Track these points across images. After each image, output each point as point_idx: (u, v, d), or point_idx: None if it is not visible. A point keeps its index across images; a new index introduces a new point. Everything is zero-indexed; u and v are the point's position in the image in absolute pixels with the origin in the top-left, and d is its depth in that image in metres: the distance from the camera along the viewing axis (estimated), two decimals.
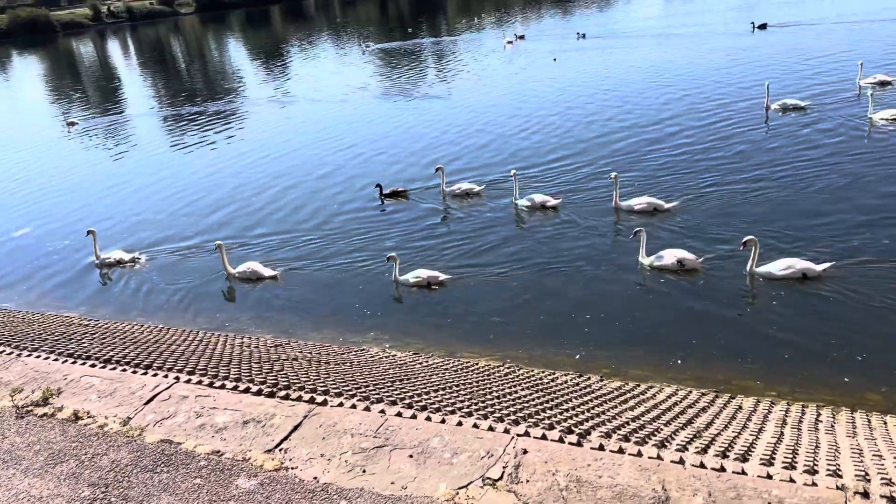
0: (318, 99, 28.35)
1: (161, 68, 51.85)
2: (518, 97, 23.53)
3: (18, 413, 5.99)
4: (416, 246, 12.03)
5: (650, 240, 10.38)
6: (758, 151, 14.64)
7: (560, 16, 53.95)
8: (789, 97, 17.69)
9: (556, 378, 7.22)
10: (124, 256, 12.70)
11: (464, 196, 14.07)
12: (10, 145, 26.17)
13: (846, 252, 9.73)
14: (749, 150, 14.76)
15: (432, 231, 12.71)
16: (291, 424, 5.36)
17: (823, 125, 15.88)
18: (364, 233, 12.86)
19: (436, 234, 12.59)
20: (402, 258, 10.91)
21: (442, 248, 11.85)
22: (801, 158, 13.86)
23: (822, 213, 11.31)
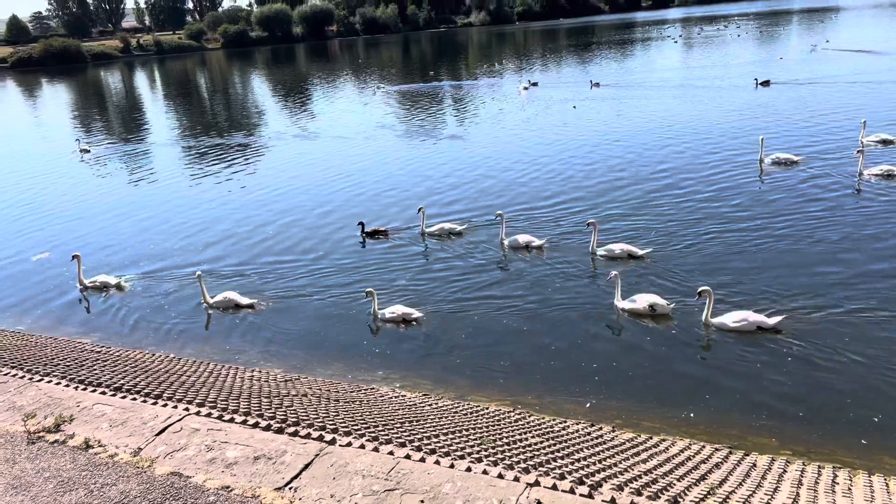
0: (332, 136, 28.92)
1: (184, 100, 52.94)
2: (525, 142, 23.94)
3: (30, 438, 5.99)
4: (421, 281, 12.22)
5: (626, 284, 10.63)
6: (744, 203, 14.97)
7: (578, 64, 54.82)
8: (783, 152, 17.98)
9: (568, 426, 7.16)
10: (109, 281, 12.91)
11: (445, 236, 14.35)
12: (26, 169, 26.80)
13: (829, 304, 9.91)
14: (736, 202, 15.10)
15: (427, 269, 12.89)
16: (302, 463, 5.33)
17: (815, 180, 16.16)
18: (369, 269, 13.04)
19: (430, 272, 12.75)
20: (400, 296, 11.21)
21: (440, 286, 12.00)
22: (787, 212, 14.16)
23: (801, 265, 11.49)
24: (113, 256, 15.03)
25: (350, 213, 16.63)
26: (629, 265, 12.12)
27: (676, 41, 68.38)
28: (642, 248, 12.48)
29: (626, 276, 11.07)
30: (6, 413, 6.60)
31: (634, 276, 11.57)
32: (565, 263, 12.51)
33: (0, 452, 5.83)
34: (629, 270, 11.79)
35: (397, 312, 10.67)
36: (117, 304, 12.31)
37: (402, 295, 11.62)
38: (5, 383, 7.38)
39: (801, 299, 10.16)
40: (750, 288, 10.76)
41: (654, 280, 11.40)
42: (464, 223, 14.80)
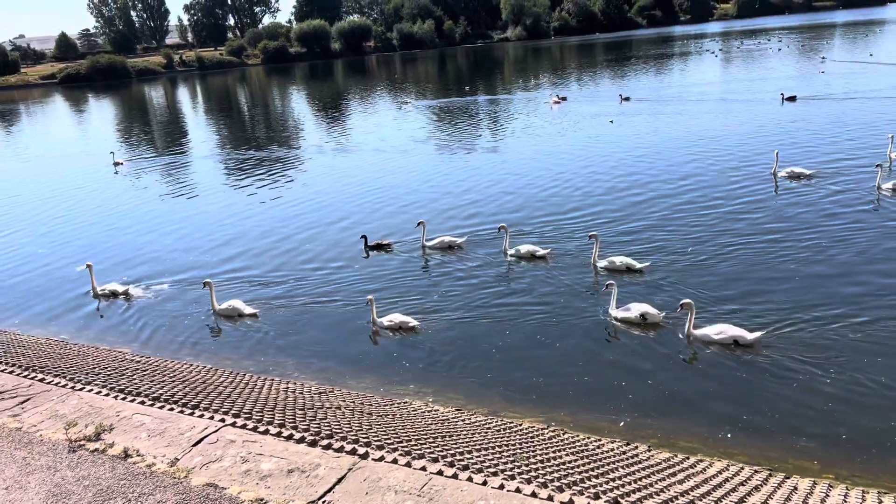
0: (362, 151, 29.33)
1: (222, 115, 54.12)
2: (550, 157, 24.13)
3: (71, 447, 6.13)
4: (444, 294, 12.30)
5: (629, 294, 10.87)
6: (757, 218, 14.97)
7: (611, 78, 54.66)
8: (799, 166, 17.92)
9: (602, 445, 7.06)
10: (118, 289, 13.46)
11: (445, 249, 14.48)
12: (63, 182, 27.73)
13: (863, 322, 9.75)
14: (749, 217, 15.10)
15: (443, 281, 13.03)
16: (336, 477, 5.35)
17: (830, 195, 16.06)
18: (396, 280, 13.23)
19: (449, 283, 12.87)
20: (428, 309, 11.48)
21: (462, 298, 12.11)
22: (800, 227, 14.09)
23: (817, 279, 11.46)
24: (135, 265, 15.44)
25: (371, 227, 16.78)
26: (633, 277, 12.27)
27: (717, 54, 67.69)
28: (642, 261, 12.59)
29: (629, 286, 11.27)
30: (49, 421, 6.76)
31: (639, 287, 11.72)
32: (577, 276, 12.63)
33: (42, 460, 5.96)
34: (634, 281, 11.97)
35: (395, 321, 10.86)
36: (150, 314, 12.55)
37: (432, 308, 11.66)
38: (48, 392, 7.57)
39: (846, 317, 9.93)
40: (757, 301, 10.78)
41: (655, 291, 11.52)
42: (463, 236, 14.96)
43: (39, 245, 17.99)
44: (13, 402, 7.29)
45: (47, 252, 17.20)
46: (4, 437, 6.43)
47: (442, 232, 15.48)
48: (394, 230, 16.32)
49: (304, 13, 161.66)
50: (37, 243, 18.17)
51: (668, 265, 12.72)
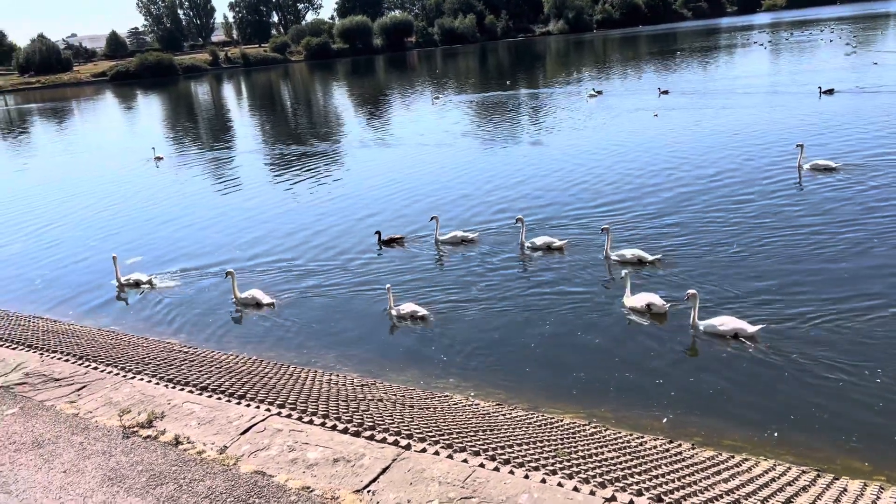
0: (399, 145, 29.73)
1: (265, 111, 55.14)
2: (581, 150, 24.17)
3: (125, 433, 6.34)
4: (479, 288, 12.36)
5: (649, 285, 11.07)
6: (774, 211, 14.88)
7: (653, 71, 54.09)
8: (824, 159, 17.78)
9: (645, 442, 7.02)
10: (142, 278, 14.01)
11: (458, 243, 14.70)
12: (106, 176, 28.83)
13: None
14: (765, 210, 15.02)
15: (470, 274, 13.16)
16: (380, 467, 5.44)
17: (852, 188, 15.89)
18: (426, 272, 13.42)
19: (475, 276, 13.04)
20: (453, 300, 11.75)
21: (496, 292, 12.16)
22: (816, 221, 13.98)
23: (810, 274, 11.44)
24: (169, 257, 15.98)
25: (400, 221, 17.07)
26: (656, 269, 12.33)
27: (766, 46, 66.19)
28: (654, 253, 12.79)
29: (655, 278, 11.47)
30: (104, 408, 7.00)
31: (662, 278, 11.82)
32: (602, 269, 12.75)
33: (98, 445, 6.19)
34: (662, 273, 12.09)
35: (406, 310, 11.24)
36: (190, 304, 12.90)
37: (466, 300, 11.85)
38: (103, 380, 7.83)
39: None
40: (791, 294, 10.77)
41: (679, 283, 11.55)
42: (476, 231, 15.16)
43: (85, 237, 18.59)
44: (70, 388, 7.56)
45: (90, 244, 17.76)
46: (62, 423, 6.68)
47: (472, 225, 15.73)
48: (422, 224, 16.42)
49: (346, 9, 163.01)
50: (82, 236, 18.78)
51: (694, 258, 12.72)
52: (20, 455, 6.11)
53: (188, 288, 13.84)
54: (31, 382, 7.83)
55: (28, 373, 8.15)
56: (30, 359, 8.72)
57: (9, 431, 6.59)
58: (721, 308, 10.37)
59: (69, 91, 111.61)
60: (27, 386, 7.73)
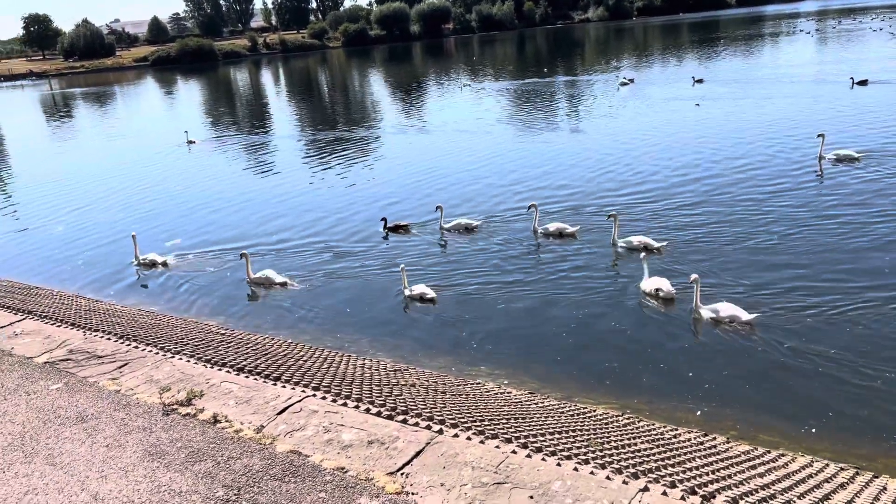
0: (433, 131, 30.12)
1: (301, 97, 55.75)
2: (608, 138, 24.36)
3: (165, 410, 6.50)
4: (505, 274, 12.46)
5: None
6: (790, 201, 14.95)
7: (694, 59, 53.39)
8: (845, 149, 17.75)
9: (679, 434, 6.96)
10: (157, 258, 14.61)
11: (462, 231, 14.94)
12: (140, 159, 29.62)
13: None
14: (783, 200, 15.08)
15: (490, 261, 13.29)
16: (414, 450, 5.49)
17: (873, 178, 15.96)
18: (456, 258, 13.56)
19: (496, 263, 13.14)
20: (481, 287, 11.87)
21: (522, 279, 12.23)
22: (834, 211, 14.03)
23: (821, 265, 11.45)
24: (192, 237, 16.56)
25: (422, 206, 17.29)
26: (662, 256, 12.52)
27: (812, 35, 64.66)
28: (660, 241, 12.96)
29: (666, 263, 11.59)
30: (144, 385, 7.17)
31: (670, 264, 11.98)
32: (627, 259, 12.73)
33: (139, 421, 6.35)
34: (674, 261, 12.19)
35: (416, 291, 11.62)
36: (225, 287, 13.16)
37: (496, 287, 11.91)
38: (144, 358, 8.02)
39: None
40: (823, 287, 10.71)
41: (696, 270, 11.39)
42: (479, 218, 15.42)
43: (120, 219, 19.10)
44: (112, 366, 7.76)
45: (125, 226, 18.14)
46: (105, 399, 6.87)
47: (495, 212, 16.08)
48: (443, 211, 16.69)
49: None
50: (119, 218, 19.30)
51: (712, 246, 12.86)
52: (65, 429, 6.30)
53: (214, 269, 14.12)
54: (75, 359, 8.05)
55: (72, 350, 8.38)
56: (73, 336, 8.96)
57: (54, 405, 6.80)
58: (750, 298, 10.34)
59: (112, 76, 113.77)
60: (71, 362, 7.96)
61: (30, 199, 23.08)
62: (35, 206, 21.86)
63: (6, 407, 6.83)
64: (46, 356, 8.20)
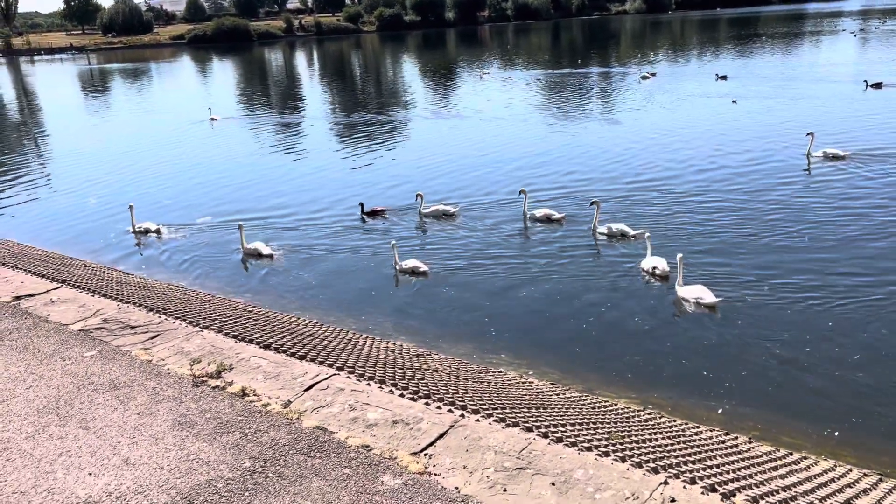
0: (456, 117, 30.56)
1: (331, 79, 56.27)
2: (621, 130, 24.81)
3: (195, 382, 6.65)
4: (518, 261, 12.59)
5: None
6: (772, 195, 15.61)
7: (726, 55, 52.94)
8: (832, 147, 18.42)
9: (700, 432, 6.96)
10: (150, 226, 15.49)
11: (440, 216, 15.31)
12: (162, 135, 30.46)
13: None
14: (764, 193, 15.77)
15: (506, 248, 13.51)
16: (438, 431, 5.57)
17: (859, 175, 16.74)
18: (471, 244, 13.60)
19: (513, 252, 13.23)
20: (496, 274, 12.01)
21: (535, 265, 12.43)
22: (816, 207, 14.57)
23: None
24: (200, 210, 17.25)
25: (428, 192, 17.45)
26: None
27: (856, 34, 63.42)
28: (636, 228, 13.43)
29: None
30: (175, 357, 7.34)
31: None
32: (636, 249, 12.85)
33: (169, 391, 6.51)
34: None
35: (408, 265, 12.20)
36: (254, 266, 13.42)
37: (514, 274, 12.04)
38: (175, 330, 8.20)
39: None
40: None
41: None
42: (457, 205, 15.73)
43: (140, 191, 19.69)
44: (145, 336, 7.95)
45: (142, 198, 18.65)
46: (137, 368, 7.05)
47: (500, 197, 16.52)
48: (448, 195, 17.10)
49: None
50: (137, 190, 20.00)
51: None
52: (98, 395, 6.48)
53: (236, 245, 14.42)
54: (109, 328, 8.25)
55: (106, 318, 8.58)
56: (107, 306, 9.18)
57: (88, 372, 6.99)
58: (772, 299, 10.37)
59: (148, 52, 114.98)
60: (105, 331, 8.15)
61: (64, 172, 23.63)
62: (69, 178, 22.39)
63: (42, 371, 7.04)
64: (81, 324, 8.41)
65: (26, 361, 7.28)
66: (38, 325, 8.35)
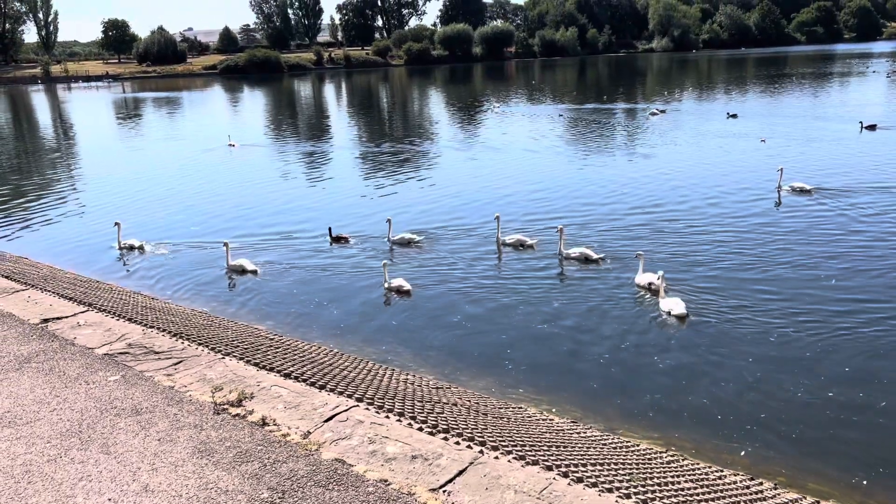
0: (469, 150, 31.52)
1: (359, 110, 57.27)
2: (616, 167, 25.78)
3: (216, 409, 6.68)
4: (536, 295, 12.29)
5: None
6: (758, 226, 16.57)
7: (748, 94, 53.43)
8: (798, 181, 19.80)
9: (724, 476, 6.82)
10: (135, 243, 16.30)
11: (406, 244, 15.69)
12: (182, 160, 31.65)
13: None
14: (751, 226, 16.71)
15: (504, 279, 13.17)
16: (457, 468, 5.52)
17: (823, 207, 18.07)
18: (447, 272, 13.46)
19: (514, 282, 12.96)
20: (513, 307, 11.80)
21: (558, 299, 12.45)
22: (780, 239, 15.39)
23: None
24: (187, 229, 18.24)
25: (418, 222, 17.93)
26: None
27: (890, 76, 63.37)
28: (599, 253, 14.24)
29: None
30: (197, 384, 7.39)
31: None
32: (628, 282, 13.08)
33: (191, 418, 6.54)
34: None
35: (394, 284, 12.75)
36: (264, 290, 13.57)
37: (534, 309, 11.74)
38: (198, 357, 8.26)
39: None
40: None
41: None
42: (421, 234, 16.21)
43: (161, 216, 20.15)
44: (168, 362, 8.02)
45: (189, 228, 18.84)
46: (159, 394, 7.10)
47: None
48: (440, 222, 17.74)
49: (449, 17, 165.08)
50: (158, 215, 20.46)
51: None
52: (120, 420, 6.53)
53: (260, 270, 14.68)
54: (133, 353, 8.34)
55: (131, 343, 8.68)
56: (132, 330, 9.29)
57: (111, 396, 7.05)
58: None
59: (181, 81, 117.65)
60: (129, 356, 8.24)
61: (94, 195, 24.17)
62: (98, 201, 22.93)
63: (67, 394, 7.12)
64: (106, 348, 8.51)
65: (52, 384, 7.37)
66: (64, 348, 8.47)
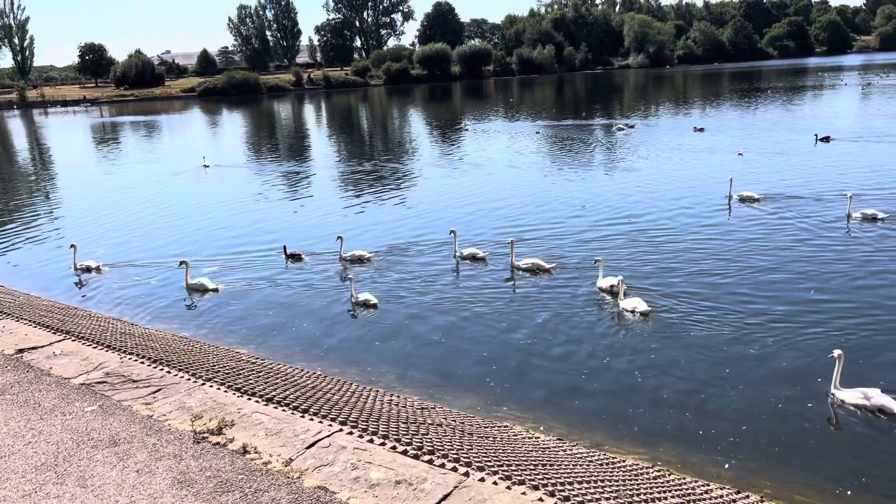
0: (451, 168, 32.15)
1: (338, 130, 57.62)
2: (586, 181, 26.59)
3: (196, 438, 6.56)
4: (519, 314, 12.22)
5: None
6: (690, 232, 17.52)
7: (717, 108, 54.69)
8: (747, 190, 20.72)
9: (711, 490, 6.81)
10: (91, 264, 16.63)
11: (356, 261, 16.10)
12: (156, 182, 32.03)
13: None
14: (682, 229, 17.84)
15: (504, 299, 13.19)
16: (441, 493, 5.45)
17: (768, 213, 19.04)
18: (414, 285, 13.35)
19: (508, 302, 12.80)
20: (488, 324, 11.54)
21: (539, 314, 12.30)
22: (728, 245, 16.13)
23: None
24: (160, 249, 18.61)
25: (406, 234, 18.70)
26: None
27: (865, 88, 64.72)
28: (550, 262, 14.75)
29: None
30: (177, 412, 7.26)
31: None
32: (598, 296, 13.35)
33: (170, 448, 6.42)
34: None
35: (360, 298, 13.16)
36: (255, 315, 13.33)
37: (521, 328, 11.72)
38: (177, 384, 8.13)
39: None
40: None
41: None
42: (372, 251, 16.57)
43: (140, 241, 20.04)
44: (146, 390, 7.88)
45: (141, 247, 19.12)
46: (138, 423, 6.96)
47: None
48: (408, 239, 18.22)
49: (427, 36, 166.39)
50: (138, 240, 20.39)
51: None
52: (97, 451, 6.39)
53: (247, 289, 14.76)
54: (111, 382, 8.19)
55: (108, 372, 8.53)
56: (110, 359, 9.13)
57: (88, 428, 6.91)
58: None
59: (160, 105, 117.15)
60: (107, 385, 8.09)
61: (70, 222, 23.91)
62: (74, 228, 22.70)
63: (42, 427, 6.96)
64: (83, 378, 8.35)
65: (26, 416, 7.21)
66: (39, 379, 8.29)
